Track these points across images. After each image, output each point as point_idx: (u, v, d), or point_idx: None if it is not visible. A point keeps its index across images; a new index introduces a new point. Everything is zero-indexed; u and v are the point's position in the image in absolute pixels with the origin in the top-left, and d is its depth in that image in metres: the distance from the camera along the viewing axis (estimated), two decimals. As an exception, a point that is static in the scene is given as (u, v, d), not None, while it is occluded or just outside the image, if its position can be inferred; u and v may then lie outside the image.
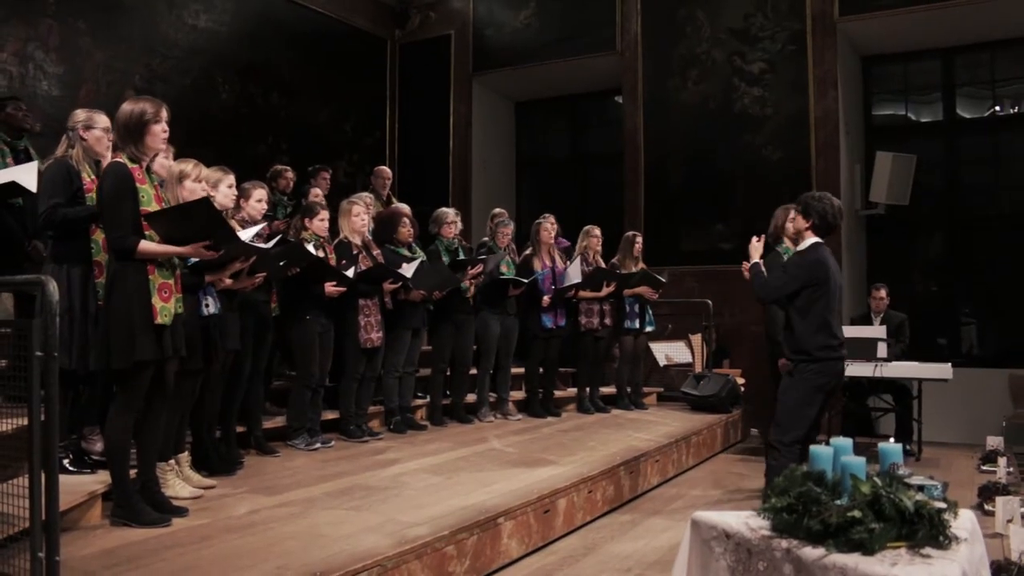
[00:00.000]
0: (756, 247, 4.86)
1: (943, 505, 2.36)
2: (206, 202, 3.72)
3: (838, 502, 2.31)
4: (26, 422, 3.41)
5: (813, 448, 2.51)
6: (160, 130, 3.61)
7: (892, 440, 7.27)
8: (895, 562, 2.18)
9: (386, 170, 8.17)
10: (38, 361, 2.57)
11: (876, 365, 6.76)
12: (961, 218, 10.08)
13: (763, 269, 4.79)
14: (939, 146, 10.22)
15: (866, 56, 10.24)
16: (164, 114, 3.63)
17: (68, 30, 7.85)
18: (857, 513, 2.23)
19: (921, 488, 2.37)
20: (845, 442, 2.56)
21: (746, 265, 4.84)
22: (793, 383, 4.57)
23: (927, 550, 2.26)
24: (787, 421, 4.50)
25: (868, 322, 7.99)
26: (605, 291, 7.41)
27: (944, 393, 7.87)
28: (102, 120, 4.14)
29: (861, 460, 2.40)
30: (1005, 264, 9.82)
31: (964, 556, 2.27)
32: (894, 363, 6.88)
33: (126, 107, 3.61)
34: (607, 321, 7.60)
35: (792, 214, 5.12)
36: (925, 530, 2.26)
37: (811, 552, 2.26)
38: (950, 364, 6.82)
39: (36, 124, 7.24)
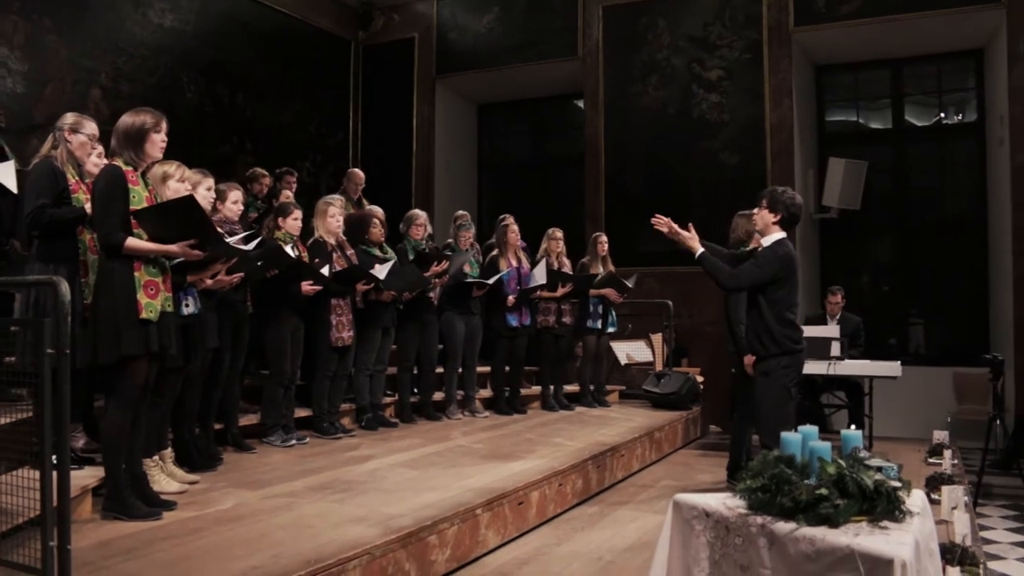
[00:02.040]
0: (692, 235, 4.84)
1: (899, 484, 2.61)
2: (191, 199, 3.82)
3: (807, 482, 2.54)
4: (5, 421, 3.54)
5: (784, 435, 2.74)
6: (159, 139, 3.75)
7: (852, 427, 7.58)
8: (857, 533, 2.43)
9: (359, 173, 8.25)
10: (49, 358, 2.67)
11: (829, 363, 7.04)
12: (909, 222, 10.50)
13: (714, 259, 4.85)
14: (889, 152, 10.63)
15: (820, 65, 10.61)
16: (164, 125, 3.78)
17: (34, 27, 7.82)
18: (824, 491, 2.47)
19: (879, 469, 2.60)
20: (812, 429, 2.79)
21: (664, 222, 4.89)
22: (768, 384, 4.71)
23: (885, 523, 2.52)
24: (774, 422, 4.61)
25: (823, 323, 8.28)
26: (560, 292, 7.59)
27: (894, 390, 8.20)
28: (89, 127, 4.21)
29: (827, 444, 2.64)
30: (950, 267, 10.26)
31: (917, 528, 2.52)
32: (847, 361, 7.16)
33: (127, 118, 3.74)
34: (565, 319, 7.79)
35: (756, 209, 4.98)
36: (883, 505, 2.51)
37: (783, 526, 2.49)
38: (899, 362, 7.12)
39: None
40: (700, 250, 4.87)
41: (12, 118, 7.49)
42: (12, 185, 4.61)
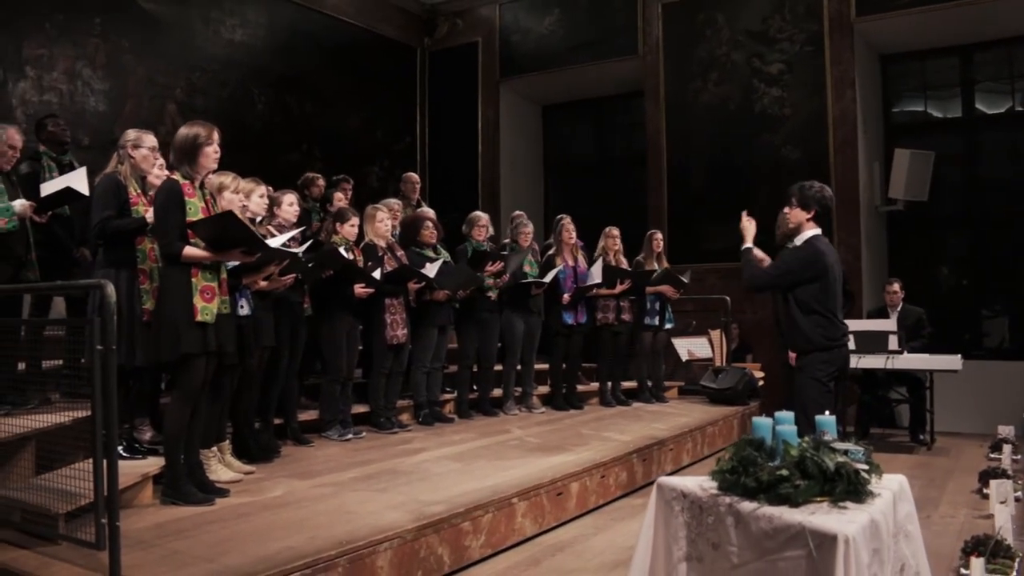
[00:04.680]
0: (749, 227, 4.79)
1: (865, 466, 2.67)
2: (230, 214, 4.11)
3: (771, 463, 2.63)
4: (81, 415, 3.86)
5: (755, 419, 2.84)
6: (212, 151, 4.04)
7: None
8: (814, 512, 2.52)
9: (414, 176, 8.51)
10: (98, 354, 2.95)
11: (888, 357, 6.96)
12: (981, 213, 10.20)
13: (756, 254, 4.79)
14: (959, 142, 10.34)
15: (884, 54, 10.41)
16: (216, 136, 4.06)
17: (113, 48, 8.34)
18: (785, 472, 2.57)
19: (845, 452, 2.67)
20: (787, 415, 2.88)
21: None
22: (805, 380, 4.69)
23: (845, 503, 2.59)
24: (811, 416, 4.57)
25: (884, 316, 8.12)
26: (619, 289, 7.69)
27: (966, 385, 8.03)
28: (149, 140, 4.54)
29: (793, 429, 2.73)
30: (1024, 258, 9.93)
31: (878, 508, 2.58)
32: (905, 355, 7.06)
33: (182, 131, 4.06)
34: (624, 316, 7.89)
35: (787, 208, 4.75)
36: (843, 486, 2.58)
37: (747, 505, 2.60)
38: (959, 356, 6.98)
39: (83, 138, 7.72)
40: (748, 244, 4.86)
41: (95, 135, 8.03)
42: (84, 189, 4.94)
